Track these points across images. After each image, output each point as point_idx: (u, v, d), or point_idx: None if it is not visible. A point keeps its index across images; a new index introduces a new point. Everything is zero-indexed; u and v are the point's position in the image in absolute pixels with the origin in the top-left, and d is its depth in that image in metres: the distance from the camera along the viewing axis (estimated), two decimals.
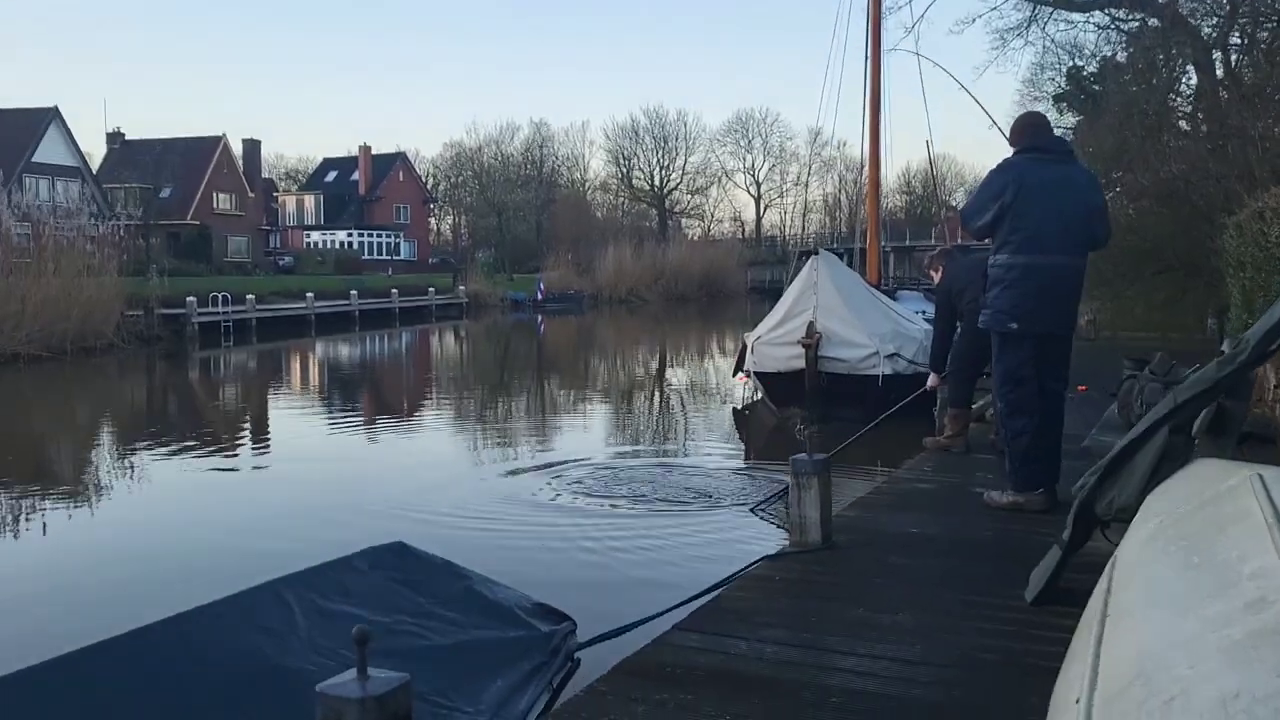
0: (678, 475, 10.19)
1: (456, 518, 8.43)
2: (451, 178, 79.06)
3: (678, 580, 5.79)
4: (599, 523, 7.98)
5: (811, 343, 12.07)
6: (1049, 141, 5.23)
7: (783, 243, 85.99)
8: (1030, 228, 4.99)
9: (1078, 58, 42.82)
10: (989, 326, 5.21)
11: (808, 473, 4.52)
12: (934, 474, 6.23)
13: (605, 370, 26.60)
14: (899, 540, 4.72)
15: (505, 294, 54.40)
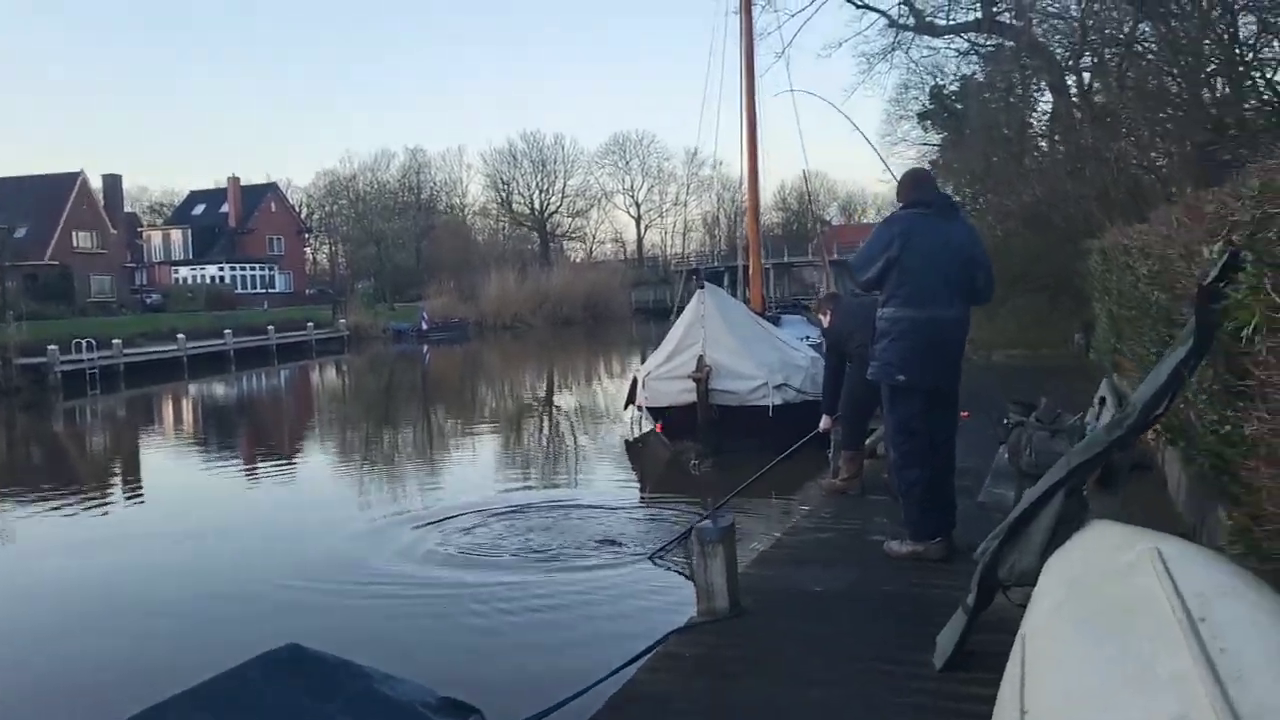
0: (574, 520, 10.04)
1: (343, 587, 8.02)
2: (326, 206, 77.35)
3: (585, 650, 5.69)
4: (497, 585, 7.67)
5: (702, 376, 12.12)
6: (933, 196, 5.36)
7: (665, 262, 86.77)
8: (915, 282, 5.09)
9: (940, 77, 44.50)
10: (878, 379, 5.29)
11: (713, 540, 4.48)
12: (833, 521, 6.27)
13: (493, 402, 26.31)
14: (806, 601, 4.71)
15: (388, 325, 53.39)
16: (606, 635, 6.17)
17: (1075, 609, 2.93)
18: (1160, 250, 5.76)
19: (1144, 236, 6.77)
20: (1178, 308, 4.95)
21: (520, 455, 16.27)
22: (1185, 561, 2.80)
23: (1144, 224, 7.72)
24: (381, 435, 20.58)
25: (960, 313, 5.23)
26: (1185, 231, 4.68)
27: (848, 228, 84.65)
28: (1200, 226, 4.37)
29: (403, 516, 10.74)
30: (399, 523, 10.40)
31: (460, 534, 9.60)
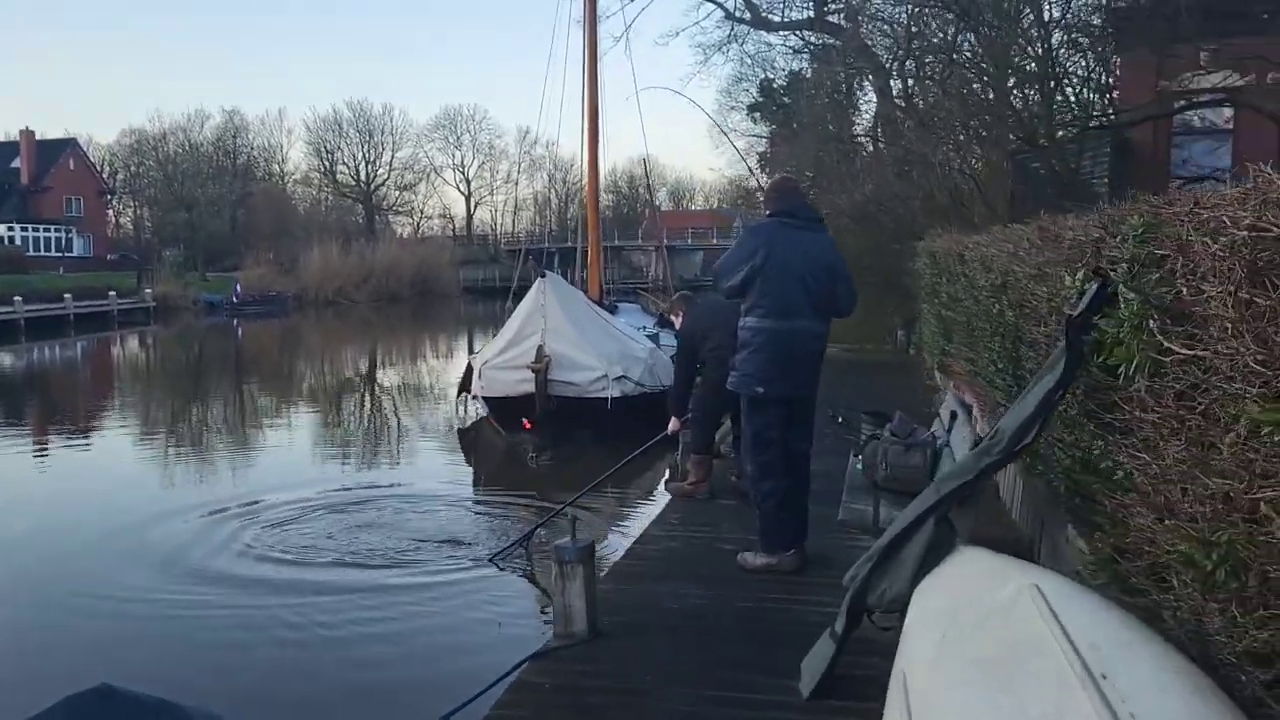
0: (404, 515, 9.60)
1: (150, 598, 7.30)
2: (132, 167, 72.44)
3: (428, 674, 5.39)
4: (321, 595, 7.10)
5: (540, 367, 11.88)
6: (798, 207, 5.32)
7: (495, 241, 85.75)
8: (777, 292, 5.06)
9: (770, 71, 45.55)
10: (737, 389, 5.24)
11: (572, 560, 4.28)
12: (682, 527, 6.17)
13: (313, 383, 25.17)
14: (664, 621, 4.57)
15: (199, 296, 50.54)
16: (448, 655, 5.88)
17: (960, 649, 2.87)
18: (1005, 266, 5.89)
19: (984, 249, 6.94)
20: (1027, 326, 5.06)
21: (342, 441, 15.57)
22: (1067, 601, 2.77)
23: (980, 236, 7.95)
24: (189, 416, 19.37)
25: (820, 325, 5.22)
26: (1037, 253, 4.77)
27: (676, 214, 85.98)
28: (1056, 252, 4.44)
29: (213, 510, 9.94)
30: (209, 518, 9.64)
31: (277, 530, 9.01)
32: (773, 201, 5.34)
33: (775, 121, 48.91)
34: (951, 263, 9.45)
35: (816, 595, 4.87)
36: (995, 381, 6.04)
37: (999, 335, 5.76)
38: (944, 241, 10.90)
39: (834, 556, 5.47)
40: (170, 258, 58.52)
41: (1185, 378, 2.60)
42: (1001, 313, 5.90)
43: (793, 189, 5.54)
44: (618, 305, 18.53)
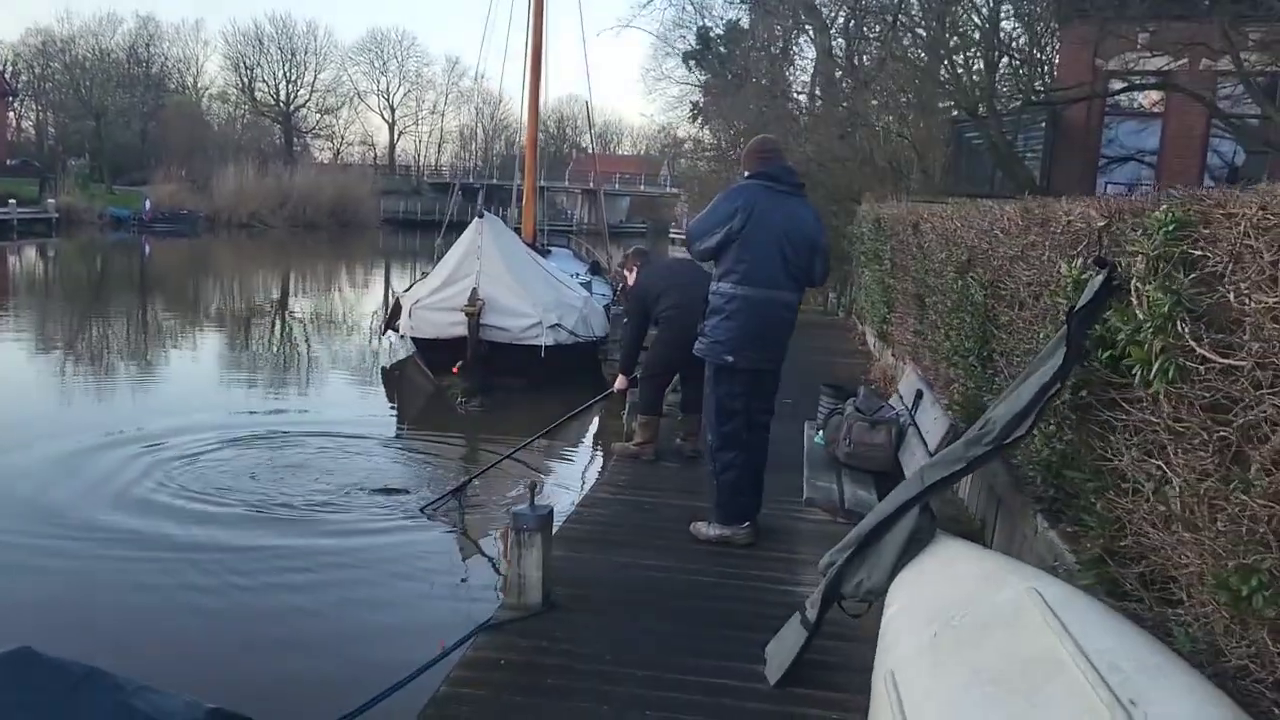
0: (327, 457, 9.24)
1: (51, 544, 6.75)
2: (36, 68, 68.56)
3: (358, 643, 5.14)
4: (236, 549, 6.67)
5: (475, 310, 11.54)
6: (780, 171, 5.06)
7: (418, 173, 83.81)
8: (754, 259, 4.85)
9: (708, 19, 45.06)
10: (705, 356, 5.03)
11: (530, 528, 4.06)
12: (630, 490, 5.99)
13: (225, 309, 24.22)
14: (618, 593, 4.40)
15: (105, 210, 48.36)
16: (379, 621, 5.61)
17: (959, 655, 2.75)
18: (972, 242, 5.79)
19: (945, 221, 6.83)
20: (999, 307, 4.96)
21: (257, 371, 14.99)
22: (1073, 611, 2.67)
23: (939, 206, 7.85)
24: (90, 335, 18.51)
25: (794, 295, 5.03)
26: (1019, 234, 4.66)
27: (604, 158, 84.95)
28: (1043, 235, 4.32)
29: (116, 440, 9.45)
30: (111, 450, 9.12)
31: (188, 468, 8.56)
32: (754, 163, 5.07)
33: (711, 71, 48.50)
34: (902, 230, 9.37)
35: (772, 570, 4.76)
36: (954, 359, 5.97)
37: (964, 313, 5.67)
38: (893, 208, 10.82)
39: (784, 528, 5.37)
40: (75, 167, 55.68)
41: (1219, 388, 2.48)
42: (966, 290, 5.80)
43: (775, 150, 5.24)
44: (550, 249, 18.15)
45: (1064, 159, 18.96)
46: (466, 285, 11.71)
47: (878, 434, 4.85)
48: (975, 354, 5.27)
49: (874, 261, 11.44)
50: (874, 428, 4.87)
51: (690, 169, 32.32)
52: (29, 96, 69.45)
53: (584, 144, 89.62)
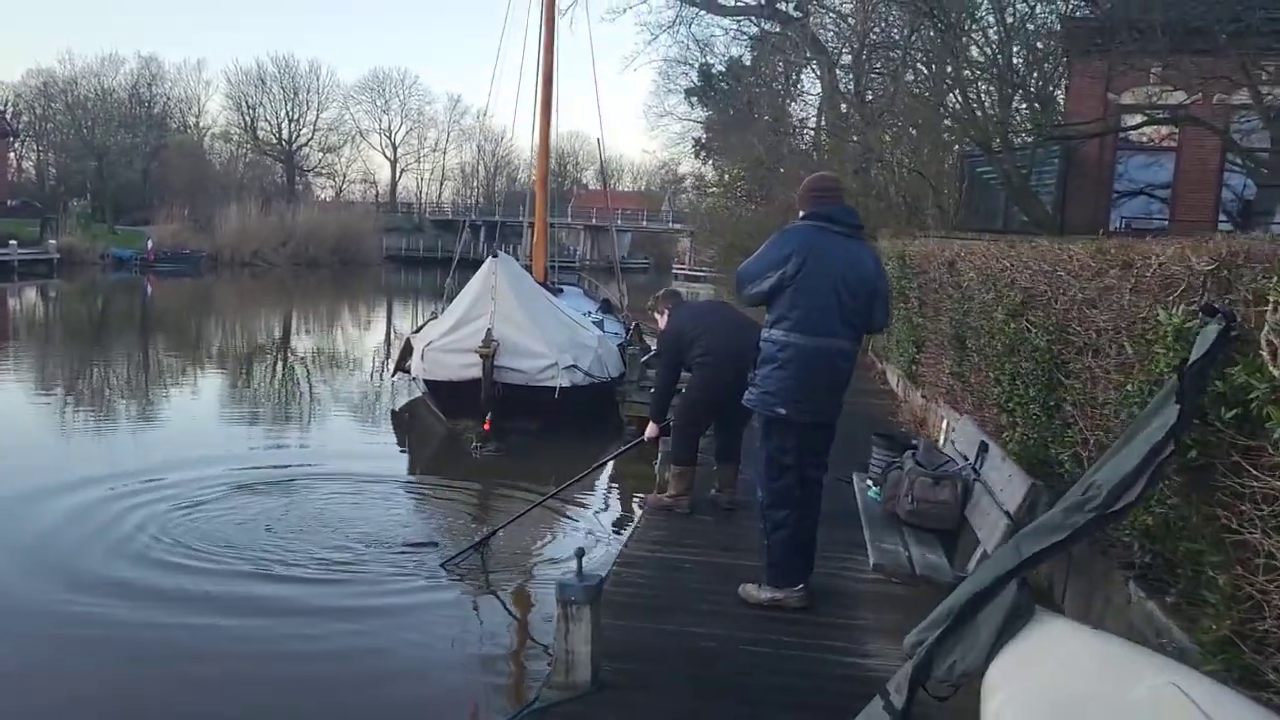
0: (335, 507, 8.85)
1: (24, 609, 6.37)
2: (37, 109, 68.68)
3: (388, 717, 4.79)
4: (239, 614, 6.24)
5: (489, 352, 11.23)
6: (839, 212, 4.71)
7: (420, 210, 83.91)
8: (810, 305, 4.53)
9: (710, 55, 45.27)
10: (756, 408, 4.71)
11: (578, 600, 3.73)
12: (666, 548, 5.64)
13: (230, 350, 23.91)
14: (670, 668, 4.06)
15: (107, 250, 48.21)
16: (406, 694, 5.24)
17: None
18: (1029, 283, 5.50)
19: (992, 260, 6.54)
20: (1068, 354, 4.66)
21: (264, 419, 14.60)
22: (1228, 713, 2.36)
23: (980, 243, 7.56)
24: (92, 377, 18.19)
25: (852, 345, 4.70)
26: (1095, 277, 4.36)
27: (602, 193, 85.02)
28: (1125, 279, 4.03)
29: (115, 491, 8.99)
30: (109, 500, 8.71)
31: (188, 518, 8.18)
32: (809, 202, 4.72)
33: (712, 108, 48.61)
34: (932, 268, 9.09)
35: (832, 639, 4.42)
36: (1009, 406, 5.66)
37: (1020, 358, 5.36)
38: (920, 244, 10.55)
39: (838, 590, 5.04)
40: (77, 208, 55.63)
41: None
42: (1021, 333, 5.51)
43: (833, 189, 4.87)
44: (561, 288, 17.88)
45: (1077, 193, 18.76)
46: (480, 326, 11.41)
47: (942, 490, 4.53)
48: (1039, 402, 4.95)
49: (899, 299, 11.14)
50: (938, 484, 4.55)
51: (698, 204, 32.14)
52: (30, 137, 69.59)
53: (585, 180, 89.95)
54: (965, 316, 7.32)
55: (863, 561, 5.38)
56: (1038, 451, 5.00)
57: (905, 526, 4.60)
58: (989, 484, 4.39)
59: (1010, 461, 4.27)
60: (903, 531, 4.55)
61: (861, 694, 3.83)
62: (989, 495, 4.31)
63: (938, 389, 8.75)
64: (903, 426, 10.26)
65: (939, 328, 8.65)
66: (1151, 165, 19.55)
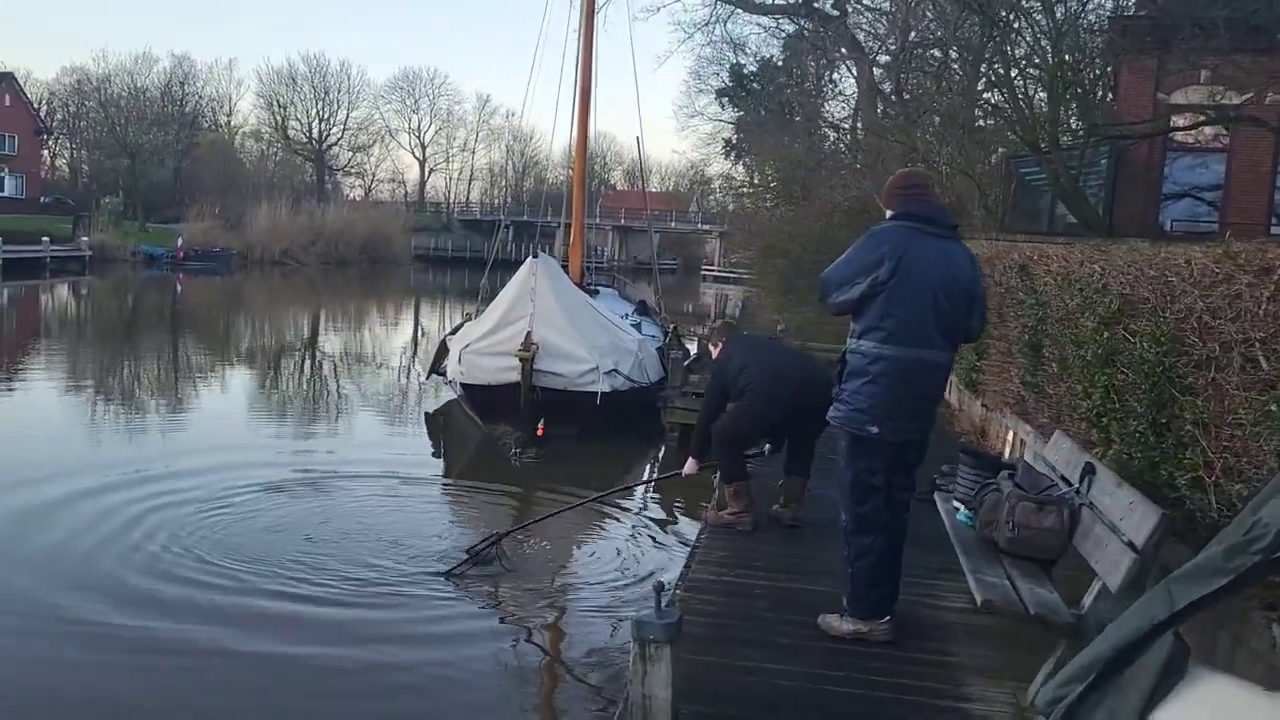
0: (373, 513, 8.53)
1: (47, 619, 6.06)
2: (72, 107, 69.16)
3: None
4: (267, 642, 5.89)
5: (529, 355, 10.89)
6: (932, 212, 4.31)
7: (448, 209, 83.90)
8: (904, 314, 4.13)
9: (742, 55, 44.94)
10: (843, 425, 4.29)
11: (657, 639, 3.37)
12: (732, 570, 5.26)
13: (259, 352, 23.65)
14: (752, 711, 3.69)
15: (138, 247, 48.35)
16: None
17: None
18: (1128, 289, 5.08)
19: (1076, 265, 6.12)
20: (1185, 368, 4.25)
21: (295, 420, 14.30)
22: None
23: (1057, 247, 7.14)
24: (124, 375, 18.00)
25: (948, 355, 4.33)
26: (1221, 282, 3.95)
27: (634, 193, 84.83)
28: (1262, 286, 3.62)
29: (139, 495, 8.70)
30: (132, 502, 8.43)
31: (209, 526, 7.85)
32: (898, 200, 4.33)
33: (743, 108, 48.21)
34: (998, 272, 8.66)
35: (926, 678, 4.02)
36: (1102, 422, 5.24)
37: (1122, 370, 4.95)
38: (982, 246, 10.10)
39: (923, 620, 4.65)
40: (109, 205, 55.85)
41: None
42: (1118, 343, 5.09)
43: (923, 185, 4.51)
44: (598, 289, 17.53)
45: (1125, 195, 18.25)
46: (520, 329, 11.08)
47: (1047, 517, 4.12)
48: (1146, 420, 4.54)
49: None
50: (1041, 509, 4.14)
51: (731, 205, 31.73)
52: (64, 135, 70.13)
53: (613, 180, 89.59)
54: (1041, 323, 6.90)
55: (949, 589, 5.02)
56: (1142, 473, 4.59)
57: (1004, 555, 4.20)
58: (1103, 511, 3.97)
59: (1129, 488, 3.86)
60: (1003, 562, 4.14)
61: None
62: (1103, 524, 3.90)
63: (1004, 399, 8.33)
64: (961, 437, 9.83)
65: (1005, 334, 8.22)
66: (1197, 168, 19.02)
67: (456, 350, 11.93)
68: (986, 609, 3.67)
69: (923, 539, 5.67)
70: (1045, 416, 6.81)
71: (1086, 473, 4.30)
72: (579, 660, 5.95)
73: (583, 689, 5.57)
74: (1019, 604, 3.68)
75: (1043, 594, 3.81)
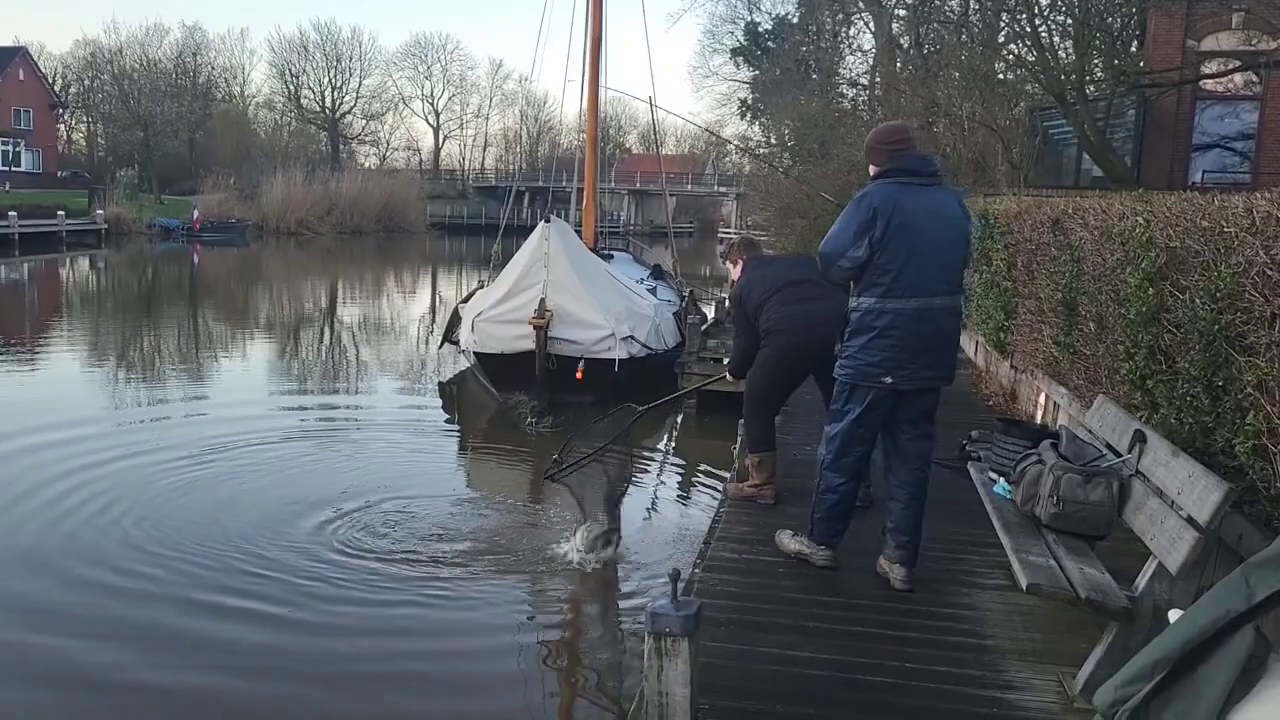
0: (392, 486, 8.32)
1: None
2: (86, 80, 68.94)
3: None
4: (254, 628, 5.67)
5: (543, 322, 10.61)
6: (916, 162, 4.34)
7: (463, 176, 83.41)
8: (901, 266, 4.18)
9: (755, 12, 44.17)
10: (855, 381, 4.34)
11: (675, 633, 3.09)
12: (756, 548, 4.97)
13: (277, 324, 23.38)
14: (777, 703, 3.42)
15: (154, 220, 48.23)
16: None
17: None
18: (1176, 242, 4.73)
19: (1117, 220, 5.76)
20: (1246, 326, 3.91)
21: (311, 390, 14.03)
22: None
23: (1093, 200, 6.77)
24: (142, 347, 17.83)
25: (954, 299, 4.36)
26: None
27: (649, 157, 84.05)
28: None
29: (160, 464, 8.75)
30: (148, 471, 8.49)
31: (234, 499, 7.79)
32: (880, 156, 4.34)
33: (759, 67, 47.46)
34: (1026, 228, 8.29)
35: (963, 665, 3.75)
36: (1147, 384, 4.91)
37: (1164, 329, 4.62)
38: (1008, 202, 9.72)
39: (957, 601, 4.36)
40: (124, 178, 55.72)
41: None
42: (1165, 300, 4.75)
43: (904, 139, 4.43)
44: (612, 254, 17.18)
45: (1153, 147, 17.73)
46: (533, 296, 10.78)
47: (1095, 490, 3.81)
48: (1200, 382, 4.20)
49: (981, 262, 10.32)
50: (1089, 482, 3.83)
51: (756, 168, 31.21)
52: (79, 108, 69.97)
53: (628, 144, 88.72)
54: (1076, 280, 6.55)
55: (984, 565, 4.74)
56: (1193, 439, 4.26)
57: (1046, 531, 3.90)
58: (1156, 482, 3.66)
59: (1187, 458, 3.54)
60: (1046, 538, 3.84)
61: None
62: (1157, 498, 3.59)
63: (1034, 360, 7.99)
64: (988, 400, 9.50)
65: (1036, 292, 7.86)
66: (1227, 117, 18.48)
67: (469, 319, 11.66)
68: (1033, 592, 3.37)
69: (950, 509, 5.42)
70: (1080, 379, 6.48)
71: (1137, 440, 3.98)
72: (588, 650, 5.69)
73: (593, 680, 5.32)
74: (1068, 586, 3.39)
75: (1093, 574, 3.51)
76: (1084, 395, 6.33)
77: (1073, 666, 3.62)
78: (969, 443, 5.80)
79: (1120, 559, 3.98)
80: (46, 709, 4.87)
